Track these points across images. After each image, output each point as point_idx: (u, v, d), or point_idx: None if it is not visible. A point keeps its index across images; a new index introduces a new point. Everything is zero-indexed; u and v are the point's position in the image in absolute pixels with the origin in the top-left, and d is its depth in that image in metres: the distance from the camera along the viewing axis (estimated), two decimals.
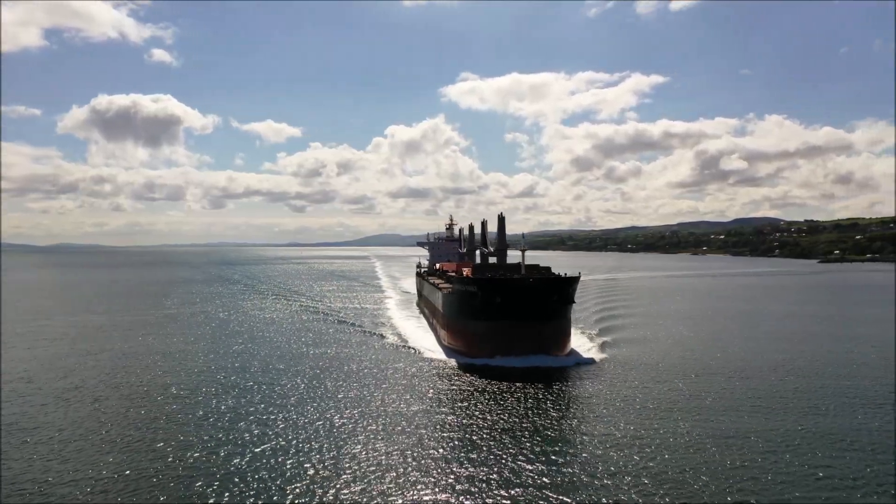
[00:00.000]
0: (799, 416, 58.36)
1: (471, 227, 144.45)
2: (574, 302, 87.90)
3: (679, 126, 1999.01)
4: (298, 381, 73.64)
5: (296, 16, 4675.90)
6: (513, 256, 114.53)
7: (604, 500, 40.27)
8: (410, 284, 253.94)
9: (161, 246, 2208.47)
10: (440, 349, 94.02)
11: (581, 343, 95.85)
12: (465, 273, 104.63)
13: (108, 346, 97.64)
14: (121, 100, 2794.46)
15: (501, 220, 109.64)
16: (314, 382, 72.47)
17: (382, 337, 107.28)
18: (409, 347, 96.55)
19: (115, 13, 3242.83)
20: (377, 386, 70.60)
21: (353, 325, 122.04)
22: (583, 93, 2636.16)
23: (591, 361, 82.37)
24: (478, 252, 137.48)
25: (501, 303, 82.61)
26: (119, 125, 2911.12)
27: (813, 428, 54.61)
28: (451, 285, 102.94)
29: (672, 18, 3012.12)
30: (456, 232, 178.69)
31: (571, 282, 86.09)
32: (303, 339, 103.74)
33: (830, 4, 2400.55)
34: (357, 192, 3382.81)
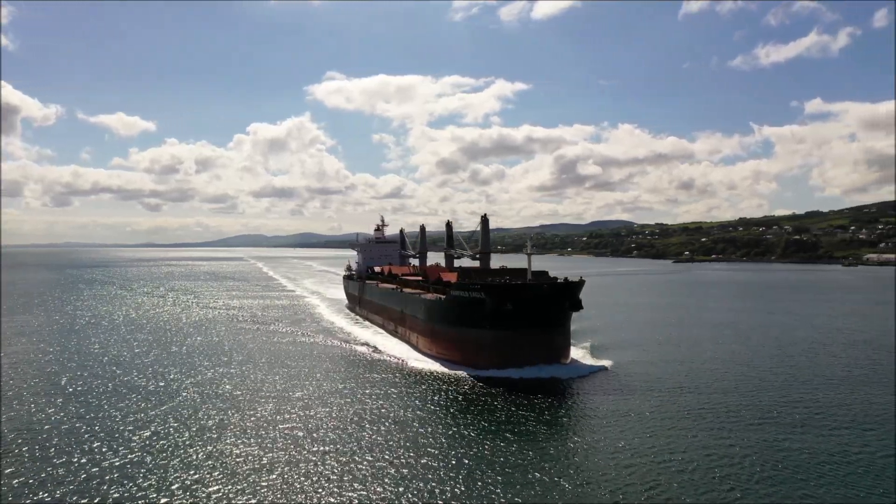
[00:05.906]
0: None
1: (422, 229, 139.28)
2: (582, 308, 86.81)
3: (540, 132, 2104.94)
4: (299, 392, 68.26)
5: (154, 7, 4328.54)
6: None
7: None
8: (312, 284, 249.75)
9: None
10: (426, 358, 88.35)
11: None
12: (443, 277, 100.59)
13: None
14: None
15: (485, 221, 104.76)
16: (318, 397, 66.42)
17: (348, 344, 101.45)
18: (390, 356, 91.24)
19: None
20: (386, 402, 65.38)
21: (307, 334, 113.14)
22: (449, 96, 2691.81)
23: (602, 369, 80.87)
24: (430, 254, 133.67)
25: (513, 310, 79.14)
26: None
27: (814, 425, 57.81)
28: (434, 291, 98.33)
29: (534, 27, 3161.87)
30: (389, 233, 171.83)
31: (579, 286, 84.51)
32: (275, 351, 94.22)
33: (673, 22, 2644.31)
34: (218, 191, 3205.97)
